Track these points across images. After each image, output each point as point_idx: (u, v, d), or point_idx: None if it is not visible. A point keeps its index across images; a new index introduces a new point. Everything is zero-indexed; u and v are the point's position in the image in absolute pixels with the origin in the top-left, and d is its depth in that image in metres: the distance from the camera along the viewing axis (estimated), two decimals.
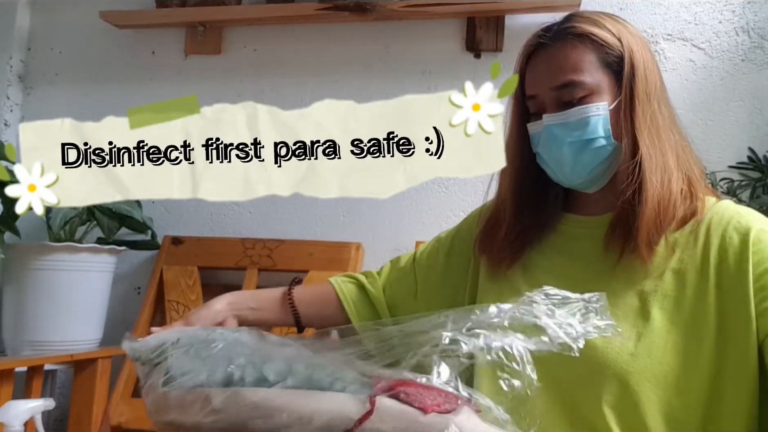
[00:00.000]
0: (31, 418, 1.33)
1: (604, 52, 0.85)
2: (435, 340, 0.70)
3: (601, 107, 0.84)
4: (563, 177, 0.88)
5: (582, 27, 0.86)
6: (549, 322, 0.69)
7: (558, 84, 0.85)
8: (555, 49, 0.87)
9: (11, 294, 1.83)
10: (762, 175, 1.72)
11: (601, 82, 0.85)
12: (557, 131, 0.85)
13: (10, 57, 2.24)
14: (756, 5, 1.83)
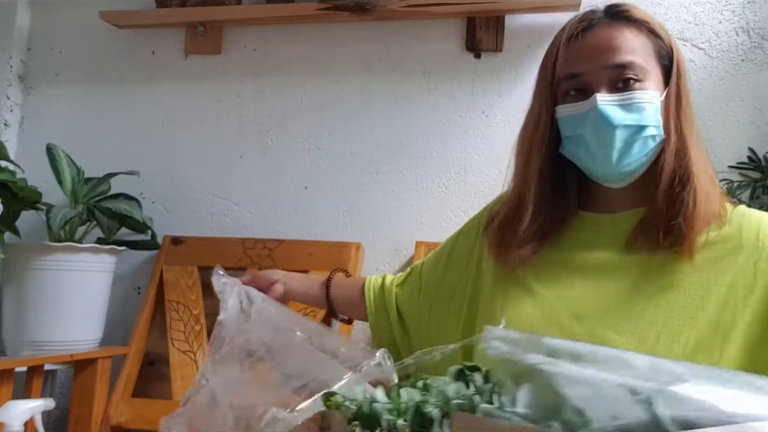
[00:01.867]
0: (31, 418, 1.33)
1: (657, 44, 0.84)
2: None
3: (655, 95, 0.82)
4: (605, 164, 0.83)
5: (638, 13, 0.85)
6: None
7: (616, 62, 0.81)
8: (612, 28, 0.83)
9: (11, 294, 1.83)
10: (762, 175, 1.72)
11: (652, 71, 0.83)
12: (612, 112, 0.81)
13: (10, 57, 2.24)
14: (756, 5, 1.84)
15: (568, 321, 0.82)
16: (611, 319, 0.80)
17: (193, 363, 1.82)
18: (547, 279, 0.87)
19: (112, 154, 2.17)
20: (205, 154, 2.14)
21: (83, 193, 1.93)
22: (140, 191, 2.10)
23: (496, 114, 1.96)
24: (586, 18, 0.86)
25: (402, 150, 1.98)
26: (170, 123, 2.18)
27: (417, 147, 1.98)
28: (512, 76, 1.96)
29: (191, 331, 1.86)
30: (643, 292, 0.81)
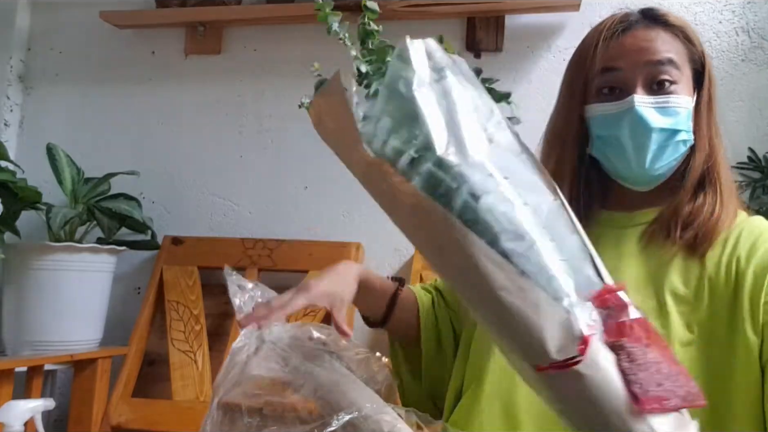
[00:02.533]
0: (31, 418, 1.33)
1: (690, 50, 0.84)
2: None
3: (689, 101, 0.83)
4: (636, 166, 0.82)
5: (675, 18, 0.85)
6: None
7: (655, 59, 0.81)
8: (650, 30, 0.83)
9: (11, 294, 1.83)
10: (762, 175, 1.72)
11: (685, 76, 0.83)
12: (649, 115, 0.80)
13: (10, 57, 2.25)
14: (756, 5, 1.84)
15: None
16: None
17: (193, 363, 1.82)
18: None
19: (112, 154, 2.17)
20: (205, 154, 2.14)
21: (83, 193, 1.93)
22: (140, 191, 2.10)
23: None
24: (624, 19, 0.86)
25: None
26: (170, 123, 2.18)
27: None
28: (512, 76, 1.96)
29: (191, 331, 1.86)
30: (652, 286, 0.81)
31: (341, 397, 0.63)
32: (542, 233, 0.53)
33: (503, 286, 0.50)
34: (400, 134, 0.52)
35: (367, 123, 0.54)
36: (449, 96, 0.54)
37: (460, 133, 0.53)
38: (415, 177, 0.51)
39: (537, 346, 0.50)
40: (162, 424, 1.74)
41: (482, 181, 0.51)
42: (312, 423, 0.62)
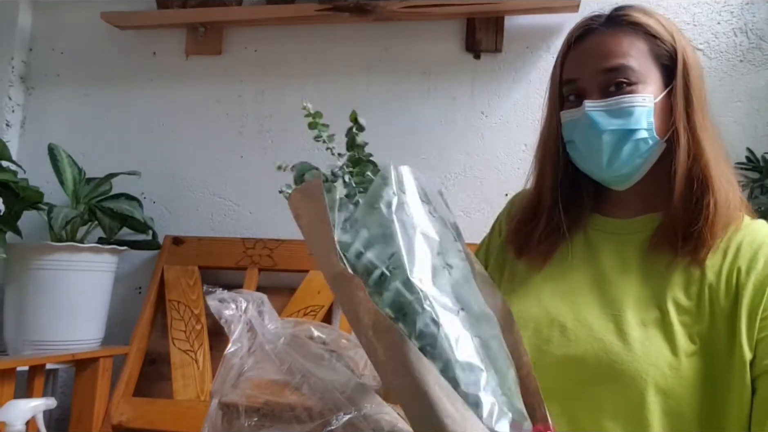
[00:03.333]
0: (32, 417, 1.34)
1: (656, 45, 0.83)
2: None
3: (647, 98, 0.80)
4: (598, 168, 0.84)
5: (636, 16, 0.84)
6: None
7: (606, 67, 0.81)
8: (606, 34, 0.83)
9: (13, 294, 1.84)
10: (760, 175, 1.73)
11: (649, 73, 0.81)
12: (598, 118, 0.81)
13: (12, 58, 2.25)
14: (754, 6, 1.84)
15: (572, 324, 0.82)
16: (611, 327, 0.80)
17: (193, 362, 1.82)
18: (557, 280, 0.87)
19: (113, 155, 2.18)
20: (206, 154, 2.15)
21: (84, 193, 1.94)
22: (141, 191, 2.11)
23: (495, 114, 1.96)
24: (585, 24, 0.86)
25: (402, 150, 1.99)
26: (171, 123, 2.18)
27: (417, 147, 1.98)
28: (511, 76, 1.97)
29: (192, 331, 1.87)
30: (655, 298, 0.80)
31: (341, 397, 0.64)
32: (488, 365, 0.57)
33: (449, 414, 0.52)
34: (376, 250, 0.56)
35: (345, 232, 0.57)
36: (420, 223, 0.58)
37: (428, 261, 0.57)
38: (384, 292, 0.54)
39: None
40: (163, 423, 1.74)
41: (443, 309, 0.55)
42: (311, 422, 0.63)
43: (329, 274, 0.58)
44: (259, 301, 0.74)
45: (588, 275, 0.86)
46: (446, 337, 0.54)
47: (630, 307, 0.80)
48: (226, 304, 0.70)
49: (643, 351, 0.76)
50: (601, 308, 0.82)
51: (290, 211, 0.63)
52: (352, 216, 0.58)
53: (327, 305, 1.84)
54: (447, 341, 0.54)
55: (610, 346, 0.77)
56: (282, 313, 1.81)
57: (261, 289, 1.91)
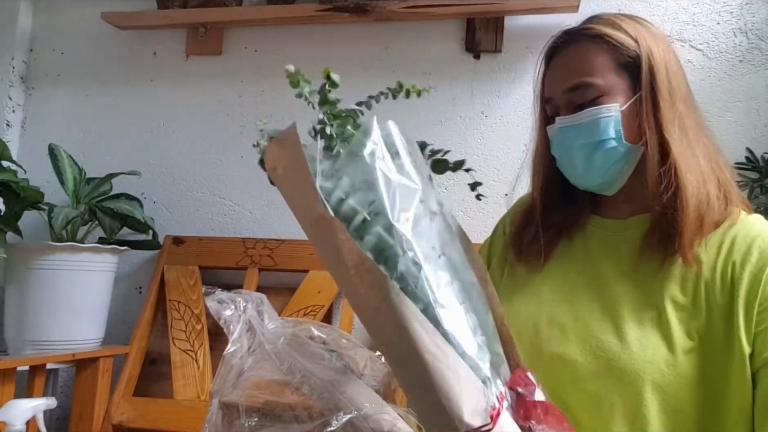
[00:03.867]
0: (33, 416, 1.34)
1: (619, 53, 0.84)
2: None
3: (612, 108, 0.83)
4: (578, 179, 0.87)
5: (596, 28, 0.86)
6: None
7: (570, 86, 0.85)
8: (569, 51, 0.87)
9: (13, 293, 1.84)
10: (760, 175, 1.73)
11: (614, 83, 0.84)
12: (569, 133, 0.85)
13: (12, 58, 2.25)
14: (754, 6, 1.84)
15: (571, 324, 0.83)
16: (609, 326, 0.81)
17: (194, 362, 1.83)
18: (557, 281, 0.89)
19: (113, 155, 2.18)
20: (207, 155, 2.15)
21: (85, 193, 1.94)
22: (141, 191, 2.11)
23: (495, 114, 1.97)
24: (554, 41, 0.89)
25: None
26: (171, 123, 2.19)
27: None
28: (511, 76, 1.97)
29: (192, 331, 1.87)
30: (651, 297, 0.81)
31: (341, 397, 0.64)
32: (467, 307, 0.59)
33: (430, 350, 0.53)
34: (357, 196, 0.57)
35: (326, 179, 0.58)
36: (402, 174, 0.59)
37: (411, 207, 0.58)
38: (366, 236, 0.56)
39: (453, 409, 0.53)
40: (163, 423, 1.75)
41: (424, 253, 0.56)
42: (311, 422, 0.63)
43: (309, 220, 0.59)
44: (259, 301, 0.74)
45: (586, 275, 0.87)
46: (426, 279, 0.56)
47: (627, 306, 0.81)
48: (225, 305, 0.70)
49: (640, 349, 0.77)
50: (599, 308, 0.83)
51: (266, 165, 0.64)
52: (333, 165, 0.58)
53: (327, 305, 1.84)
54: (427, 282, 0.56)
55: (607, 345, 0.79)
56: (282, 313, 1.81)
57: (261, 289, 1.91)
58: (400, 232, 0.56)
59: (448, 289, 0.58)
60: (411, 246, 0.56)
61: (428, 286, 0.56)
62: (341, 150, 0.59)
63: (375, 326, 0.57)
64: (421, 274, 0.55)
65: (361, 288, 0.55)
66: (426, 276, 0.55)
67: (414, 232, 0.57)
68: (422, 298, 0.55)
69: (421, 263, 0.56)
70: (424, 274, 0.55)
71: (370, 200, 0.56)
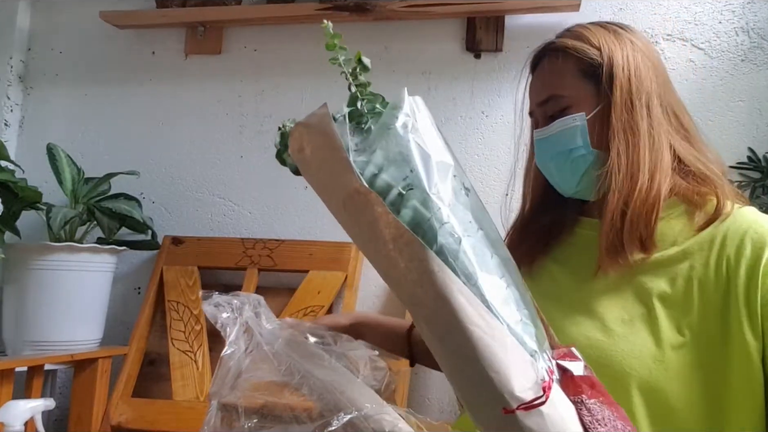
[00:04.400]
0: (31, 417, 1.33)
1: (583, 63, 0.87)
2: None
3: (577, 118, 0.86)
4: (557, 187, 0.91)
5: (561, 41, 0.90)
6: None
7: (541, 99, 0.90)
8: (541, 65, 0.92)
9: (11, 294, 1.83)
10: (762, 175, 1.72)
11: (580, 93, 0.87)
12: (543, 145, 0.89)
13: (11, 57, 2.25)
14: (756, 5, 1.84)
15: (560, 323, 0.83)
16: (596, 324, 0.81)
17: (193, 363, 1.82)
18: (545, 281, 0.91)
19: (112, 154, 2.17)
20: (206, 154, 2.14)
21: (83, 193, 1.93)
22: (140, 191, 2.10)
23: (495, 114, 1.96)
24: (530, 58, 0.95)
25: None
26: (170, 123, 2.18)
27: None
28: (512, 76, 1.96)
29: (191, 331, 1.86)
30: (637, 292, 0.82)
31: (341, 397, 0.64)
32: (508, 282, 0.57)
33: (475, 322, 0.52)
34: (391, 170, 0.56)
35: (359, 154, 0.57)
36: (435, 145, 0.58)
37: (446, 180, 0.57)
38: (402, 210, 0.54)
39: (504, 382, 0.51)
40: (162, 424, 1.74)
41: (463, 226, 0.55)
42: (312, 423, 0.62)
43: (341, 198, 0.57)
44: (256, 303, 0.73)
45: (573, 275, 0.89)
46: (465, 252, 0.54)
47: (614, 303, 0.82)
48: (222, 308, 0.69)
49: (627, 345, 0.77)
50: (587, 306, 0.83)
51: (291, 146, 0.63)
52: (365, 141, 0.57)
53: (327, 305, 1.83)
54: (467, 255, 0.54)
55: (596, 342, 0.79)
56: (282, 314, 1.80)
57: (260, 289, 1.91)
58: (437, 205, 0.54)
59: (489, 262, 0.56)
60: (449, 218, 0.54)
61: (468, 258, 0.54)
62: (372, 126, 0.58)
63: (415, 301, 0.55)
64: (461, 246, 0.54)
65: (401, 262, 0.54)
66: (465, 249, 0.54)
67: (451, 205, 0.55)
68: (463, 270, 0.53)
69: (460, 235, 0.54)
70: (463, 247, 0.54)
71: (404, 174, 0.55)
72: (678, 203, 0.84)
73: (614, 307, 0.81)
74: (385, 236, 0.54)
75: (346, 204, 0.57)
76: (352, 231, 0.60)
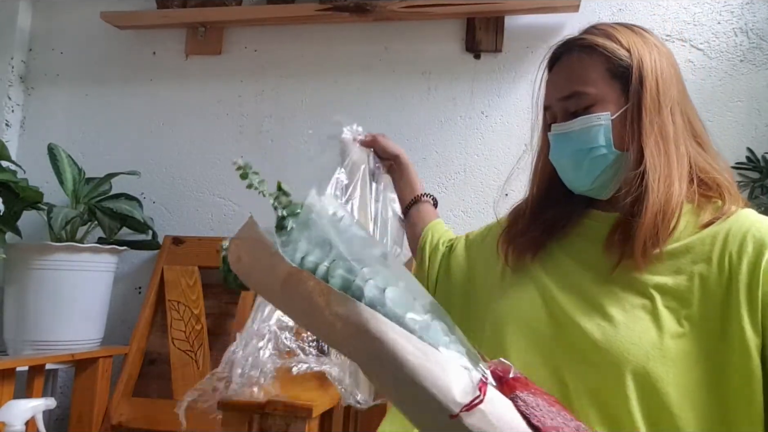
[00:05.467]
0: (32, 417, 1.34)
1: (612, 63, 0.87)
2: None
3: (602, 117, 0.86)
4: (570, 183, 0.91)
5: (590, 39, 0.89)
6: None
7: (564, 95, 0.89)
8: (566, 61, 0.91)
9: (13, 294, 1.84)
10: (761, 175, 1.72)
11: (606, 92, 0.87)
12: (561, 140, 0.89)
13: (12, 57, 2.25)
14: (754, 6, 1.84)
15: (560, 311, 0.85)
16: (604, 311, 0.82)
17: (193, 362, 1.82)
18: (553, 270, 0.91)
19: (113, 154, 2.18)
20: (206, 155, 2.15)
21: (84, 193, 1.94)
22: (141, 191, 2.10)
23: (495, 114, 1.96)
24: (554, 51, 0.93)
25: None
26: (171, 123, 2.18)
27: (416, 147, 1.98)
28: (512, 76, 1.97)
29: (192, 331, 1.87)
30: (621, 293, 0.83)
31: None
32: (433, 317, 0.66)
33: (410, 351, 0.60)
34: (316, 252, 0.66)
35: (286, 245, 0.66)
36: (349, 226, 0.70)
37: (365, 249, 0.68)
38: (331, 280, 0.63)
39: (445, 394, 0.59)
40: (162, 424, 1.74)
41: (385, 280, 0.64)
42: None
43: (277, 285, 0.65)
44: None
45: (579, 264, 0.90)
46: (392, 299, 0.63)
47: (617, 294, 0.83)
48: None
49: (627, 332, 0.79)
50: (592, 296, 0.84)
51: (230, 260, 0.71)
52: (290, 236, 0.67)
53: None
54: (392, 302, 0.63)
55: (598, 328, 0.80)
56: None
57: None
58: (358, 268, 0.64)
59: (414, 304, 0.65)
60: (372, 276, 0.64)
61: (394, 303, 0.63)
62: (293, 225, 0.68)
63: (358, 352, 0.62)
64: (385, 295, 0.63)
65: (338, 322, 0.62)
66: (389, 297, 0.63)
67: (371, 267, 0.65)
68: (392, 314, 0.62)
69: (383, 287, 0.63)
70: (387, 295, 0.63)
71: (327, 252, 0.65)
72: (685, 203, 0.86)
73: (617, 297, 0.82)
74: (320, 304, 0.62)
75: (284, 288, 0.64)
76: (293, 310, 0.67)
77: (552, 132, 0.91)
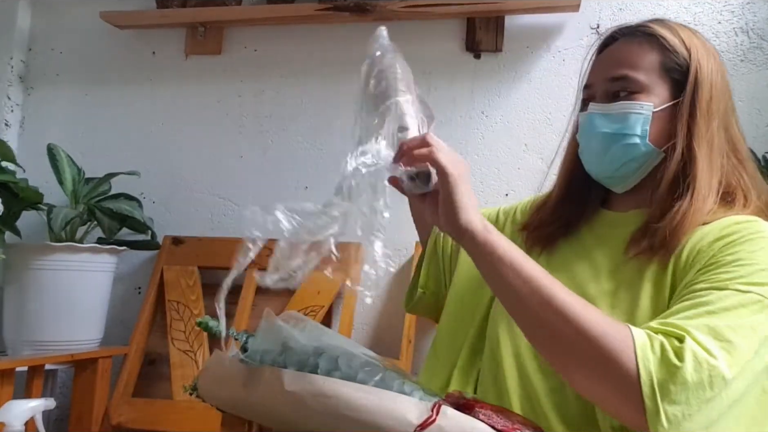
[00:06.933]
0: (31, 417, 1.33)
1: (668, 57, 0.87)
2: None
3: (645, 107, 0.85)
4: (592, 166, 0.90)
5: (653, 28, 0.89)
6: None
7: (611, 75, 0.88)
8: (621, 43, 0.90)
9: (12, 294, 1.84)
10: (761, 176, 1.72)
11: (655, 84, 0.86)
12: (597, 120, 0.88)
13: (11, 57, 2.25)
14: (755, 6, 1.84)
15: None
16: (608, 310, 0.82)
17: (193, 363, 1.82)
18: (557, 264, 0.91)
19: (112, 154, 2.17)
20: (206, 154, 2.14)
21: (84, 193, 1.94)
22: (141, 191, 2.10)
23: (495, 114, 1.96)
24: (610, 33, 0.93)
25: None
26: (171, 123, 2.18)
27: None
28: (512, 76, 1.96)
29: (191, 331, 1.87)
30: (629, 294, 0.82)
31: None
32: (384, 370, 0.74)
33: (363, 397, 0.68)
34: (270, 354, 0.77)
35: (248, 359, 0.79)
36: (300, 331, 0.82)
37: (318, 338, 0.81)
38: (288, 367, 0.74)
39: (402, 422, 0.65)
40: (162, 424, 1.74)
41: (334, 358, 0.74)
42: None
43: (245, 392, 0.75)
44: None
45: (587, 263, 0.90)
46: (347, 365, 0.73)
47: (620, 295, 0.83)
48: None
49: None
50: (592, 295, 0.84)
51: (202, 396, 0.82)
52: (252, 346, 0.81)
53: (327, 305, 1.84)
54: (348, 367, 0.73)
55: None
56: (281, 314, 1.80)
57: (261, 289, 1.91)
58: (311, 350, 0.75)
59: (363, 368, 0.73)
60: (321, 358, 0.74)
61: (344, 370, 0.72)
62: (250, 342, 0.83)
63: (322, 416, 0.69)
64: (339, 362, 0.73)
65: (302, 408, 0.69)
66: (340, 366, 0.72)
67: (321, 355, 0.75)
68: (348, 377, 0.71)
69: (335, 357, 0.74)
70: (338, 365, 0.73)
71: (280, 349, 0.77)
72: None
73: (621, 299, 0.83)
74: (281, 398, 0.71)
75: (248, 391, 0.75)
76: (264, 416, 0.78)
77: (589, 110, 0.89)
